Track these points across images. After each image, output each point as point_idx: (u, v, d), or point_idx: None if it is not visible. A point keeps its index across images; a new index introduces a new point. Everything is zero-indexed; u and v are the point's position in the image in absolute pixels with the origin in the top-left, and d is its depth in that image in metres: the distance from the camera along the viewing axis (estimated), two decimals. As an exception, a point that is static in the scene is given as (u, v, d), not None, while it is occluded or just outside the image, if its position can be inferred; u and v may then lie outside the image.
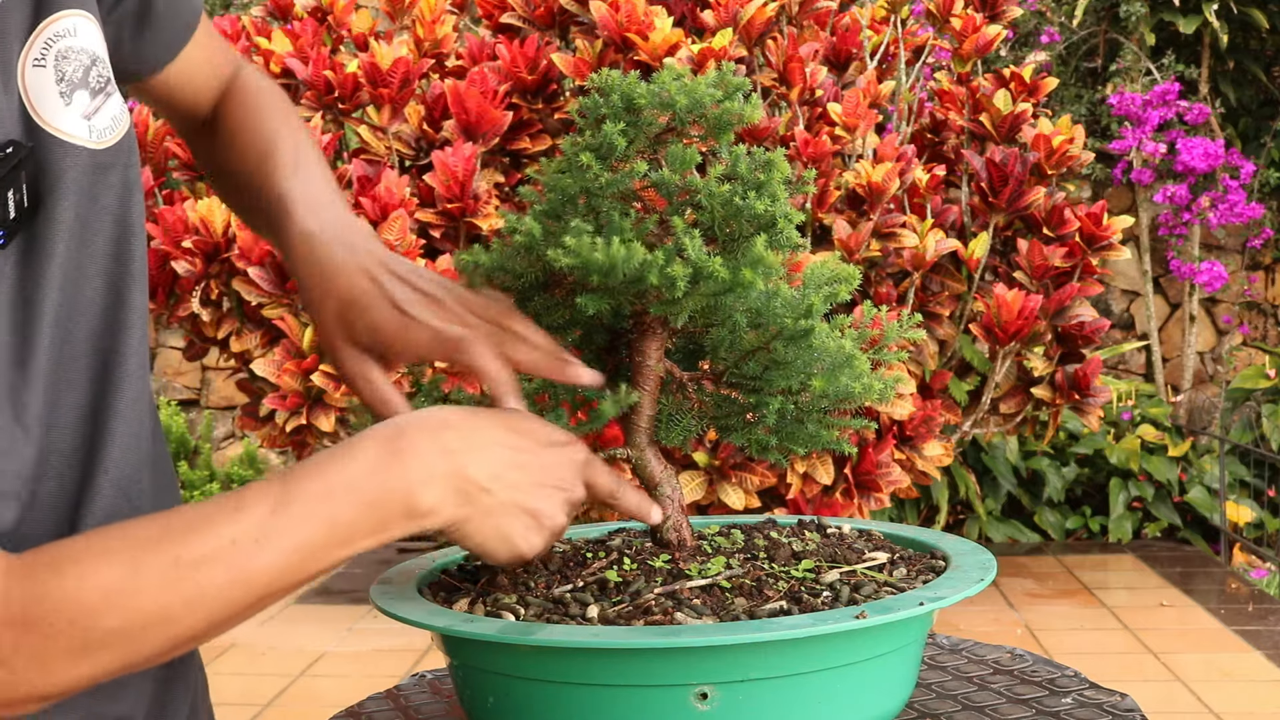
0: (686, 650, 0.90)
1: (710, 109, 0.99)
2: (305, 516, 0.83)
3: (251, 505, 0.83)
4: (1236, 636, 4.36)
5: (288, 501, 0.83)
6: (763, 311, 1.02)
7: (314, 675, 4.09)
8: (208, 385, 6.65)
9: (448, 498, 0.88)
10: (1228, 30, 6.10)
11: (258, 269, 3.83)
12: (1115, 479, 5.73)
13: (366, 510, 0.86)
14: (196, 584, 0.80)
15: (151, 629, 0.80)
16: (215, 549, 0.81)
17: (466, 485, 0.89)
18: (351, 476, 0.86)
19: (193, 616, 0.81)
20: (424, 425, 0.90)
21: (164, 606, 0.80)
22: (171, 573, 0.80)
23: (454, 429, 0.90)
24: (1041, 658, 1.22)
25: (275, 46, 4.43)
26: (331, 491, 0.85)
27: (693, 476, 3.80)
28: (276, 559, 0.82)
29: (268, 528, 0.82)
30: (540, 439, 0.95)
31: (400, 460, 0.87)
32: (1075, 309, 4.22)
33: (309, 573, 0.85)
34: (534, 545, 0.93)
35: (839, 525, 1.18)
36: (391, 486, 0.86)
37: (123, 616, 0.79)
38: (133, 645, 0.80)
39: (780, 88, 4.17)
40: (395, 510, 0.87)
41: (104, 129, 0.92)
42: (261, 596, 0.83)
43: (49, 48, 0.88)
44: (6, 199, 0.83)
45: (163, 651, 0.81)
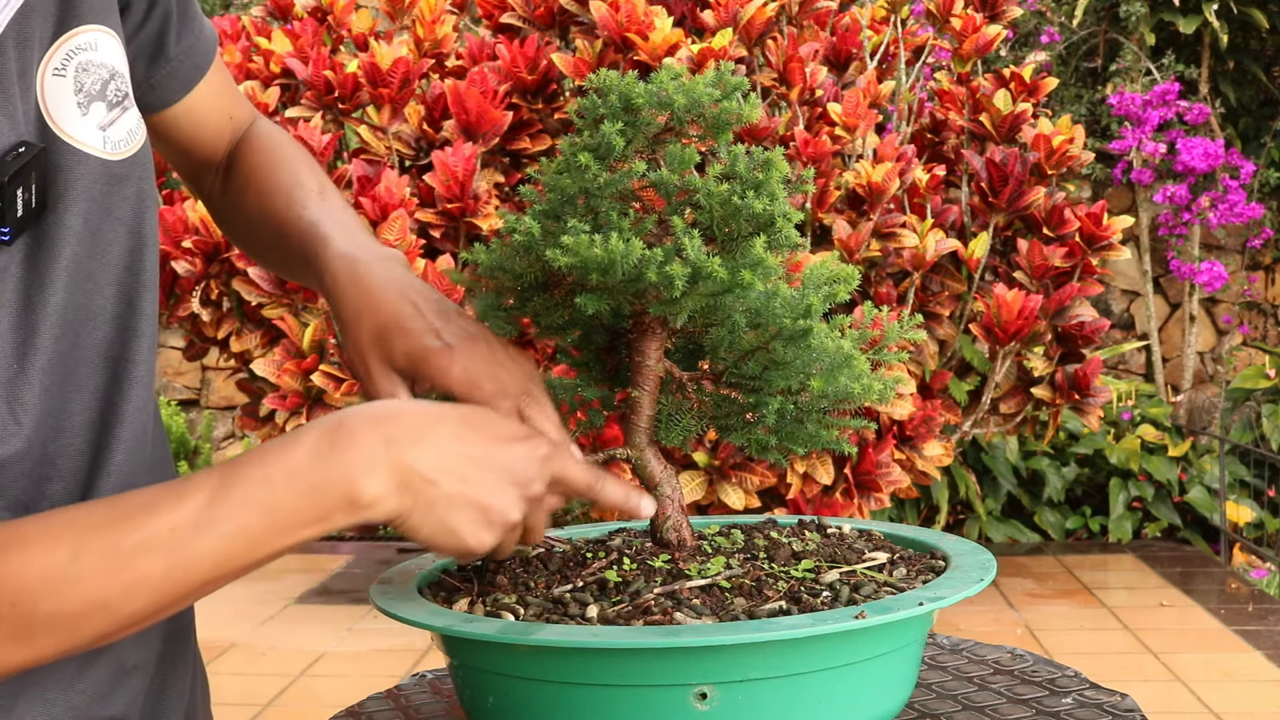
0: (686, 650, 0.90)
1: (708, 108, 0.99)
2: (244, 503, 0.83)
3: (191, 492, 0.83)
4: (1236, 636, 4.36)
5: (227, 488, 0.83)
6: (762, 311, 1.02)
7: (314, 675, 4.09)
8: (208, 385, 6.66)
9: (390, 489, 0.87)
10: (1228, 30, 6.10)
11: (258, 269, 3.83)
12: (1115, 479, 5.73)
13: (306, 498, 0.85)
14: (135, 571, 0.80)
15: (90, 615, 0.80)
16: (153, 536, 0.81)
17: (409, 476, 0.87)
18: (291, 464, 0.85)
19: (131, 604, 0.81)
20: (368, 416, 0.89)
21: (102, 592, 0.80)
22: (111, 559, 0.80)
23: (399, 420, 0.89)
24: (1042, 658, 1.22)
25: (275, 46, 4.43)
26: (271, 479, 0.84)
27: (693, 476, 3.80)
28: (216, 545, 0.82)
29: (206, 515, 0.82)
30: (496, 433, 0.93)
31: (340, 449, 0.86)
32: (1075, 309, 4.22)
33: (250, 560, 0.84)
34: (483, 540, 0.91)
35: (839, 525, 1.18)
36: (331, 475, 0.85)
37: (61, 601, 0.79)
38: (72, 630, 0.80)
39: (780, 88, 4.17)
40: (336, 499, 0.85)
41: (119, 141, 0.94)
42: (203, 583, 0.83)
43: (70, 59, 0.91)
44: (15, 197, 0.84)
45: (103, 636, 0.82)
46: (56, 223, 0.89)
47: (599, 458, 1.07)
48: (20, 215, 0.85)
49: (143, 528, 0.81)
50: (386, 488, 0.86)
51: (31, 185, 0.86)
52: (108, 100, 0.93)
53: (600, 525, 1.20)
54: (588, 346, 1.10)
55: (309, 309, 3.94)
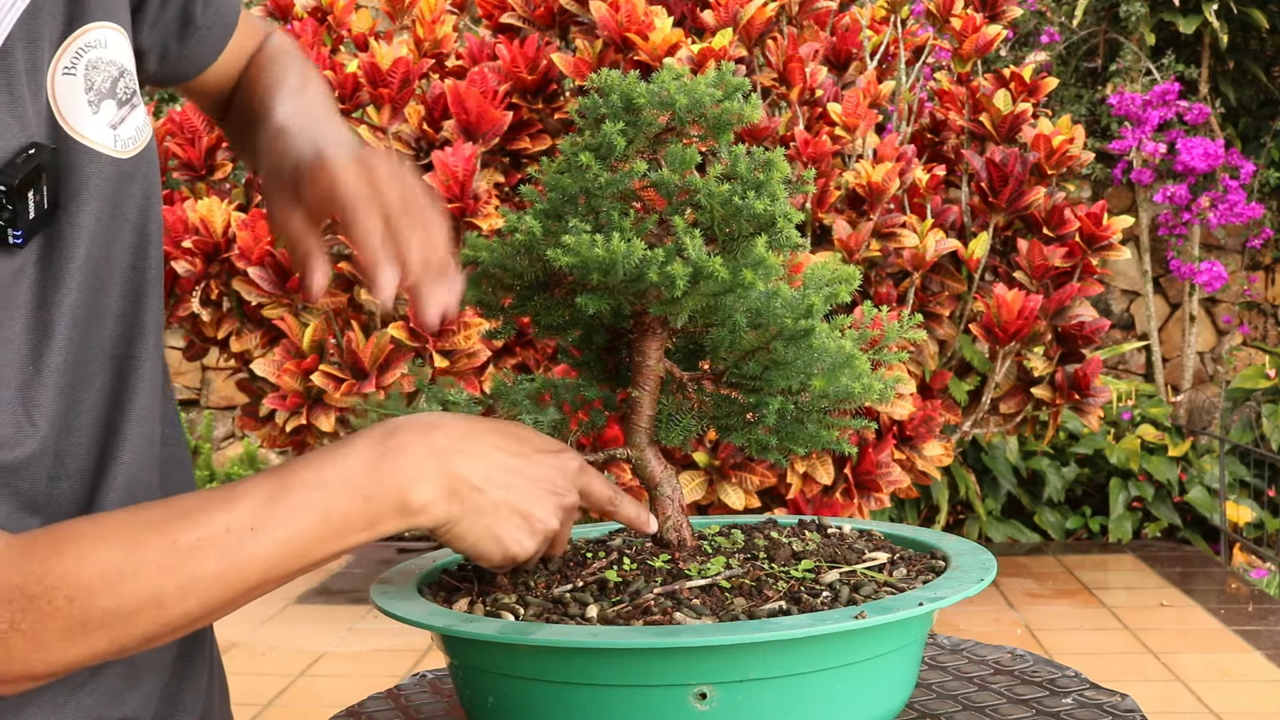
0: (686, 650, 0.90)
1: (710, 109, 0.99)
2: (299, 508, 0.85)
3: (246, 495, 0.85)
4: (1236, 636, 4.36)
5: (283, 492, 0.85)
6: (763, 311, 1.02)
7: (314, 675, 4.09)
8: (208, 385, 6.66)
9: (439, 496, 0.90)
10: (1228, 30, 6.10)
11: (258, 269, 3.83)
12: (1115, 479, 5.73)
13: (360, 504, 0.87)
14: (190, 570, 0.82)
15: (144, 612, 0.81)
16: (209, 536, 0.82)
17: (458, 484, 0.90)
18: (347, 471, 0.87)
19: (185, 602, 0.82)
20: (416, 426, 0.91)
21: (157, 590, 0.81)
22: (167, 558, 0.81)
23: (445, 430, 0.91)
24: (1042, 658, 1.22)
25: (275, 46, 4.43)
26: (326, 485, 0.86)
27: (693, 476, 3.80)
28: (270, 548, 0.84)
29: (262, 517, 0.84)
30: (534, 445, 0.96)
31: (393, 457, 0.89)
32: (1075, 309, 4.22)
33: (301, 564, 0.86)
34: (526, 548, 0.94)
35: (839, 525, 1.18)
36: (384, 482, 0.88)
37: (118, 598, 0.80)
38: (125, 627, 0.81)
39: (780, 88, 4.17)
40: (388, 506, 0.88)
41: (128, 139, 0.94)
42: (254, 585, 0.84)
43: (80, 57, 0.90)
44: (27, 200, 0.85)
45: (155, 635, 0.83)
46: (70, 223, 0.90)
47: (599, 457, 1.07)
48: (33, 218, 0.86)
49: (198, 527, 0.83)
50: (436, 495, 0.89)
51: (43, 187, 0.86)
52: (118, 98, 0.93)
53: (600, 525, 1.20)
54: (588, 346, 1.10)
55: (309, 309, 3.94)
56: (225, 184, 4.43)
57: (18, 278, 0.86)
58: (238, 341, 4.09)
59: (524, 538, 0.94)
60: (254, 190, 4.35)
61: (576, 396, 1.09)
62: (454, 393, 1.08)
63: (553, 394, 1.08)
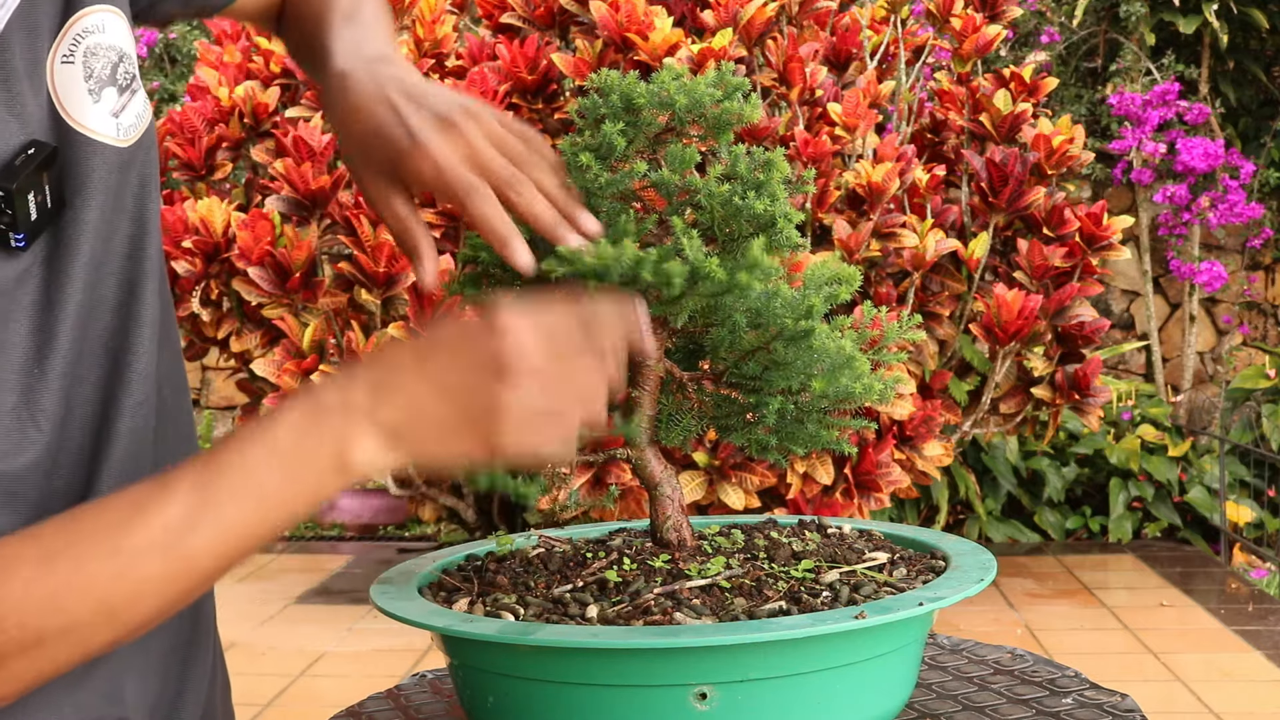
0: (686, 650, 0.90)
1: (709, 108, 0.99)
2: (233, 493, 0.81)
3: (177, 489, 0.81)
4: (1236, 636, 4.36)
5: (214, 480, 0.81)
6: (763, 312, 1.01)
7: (314, 675, 4.09)
8: (208, 385, 6.66)
9: (377, 447, 0.84)
10: (1228, 30, 6.10)
11: (258, 269, 3.83)
12: (1115, 479, 5.73)
13: (294, 478, 0.83)
14: (136, 575, 0.80)
15: (98, 623, 0.79)
16: (148, 538, 0.80)
17: (392, 430, 0.84)
18: (273, 447, 0.83)
19: (137, 605, 0.80)
20: (336, 384, 0.86)
21: (107, 601, 0.79)
22: (112, 566, 0.79)
23: (359, 382, 0.85)
24: (1042, 658, 1.22)
25: (275, 46, 4.43)
26: (253, 466, 0.82)
27: (693, 476, 3.80)
28: (212, 539, 0.81)
29: (196, 511, 0.80)
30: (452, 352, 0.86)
31: (317, 421, 0.83)
32: (1075, 309, 4.22)
33: (249, 545, 0.83)
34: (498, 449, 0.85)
35: (839, 525, 1.18)
36: (314, 450, 0.83)
37: (69, 616, 0.78)
38: (82, 639, 0.80)
39: (780, 88, 4.17)
40: (325, 472, 0.83)
41: (129, 126, 0.92)
42: (207, 574, 0.82)
43: (78, 44, 0.88)
44: (27, 203, 0.82)
45: (116, 640, 0.82)
46: (74, 219, 0.87)
47: (599, 458, 1.07)
48: (35, 219, 0.83)
49: (136, 531, 0.80)
50: (374, 447, 0.84)
51: (44, 186, 0.84)
52: (118, 84, 0.91)
53: (600, 525, 1.20)
54: (588, 346, 1.10)
55: (309, 309, 3.94)
56: (225, 184, 4.43)
57: (23, 279, 0.84)
58: (238, 341, 4.09)
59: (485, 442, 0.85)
60: (254, 190, 4.35)
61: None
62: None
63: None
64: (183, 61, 6.95)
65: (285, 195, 3.95)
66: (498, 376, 0.84)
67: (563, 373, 0.85)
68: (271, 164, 4.06)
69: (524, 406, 0.84)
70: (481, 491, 4.87)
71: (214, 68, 4.46)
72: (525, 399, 0.84)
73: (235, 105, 4.30)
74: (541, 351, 0.85)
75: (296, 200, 3.94)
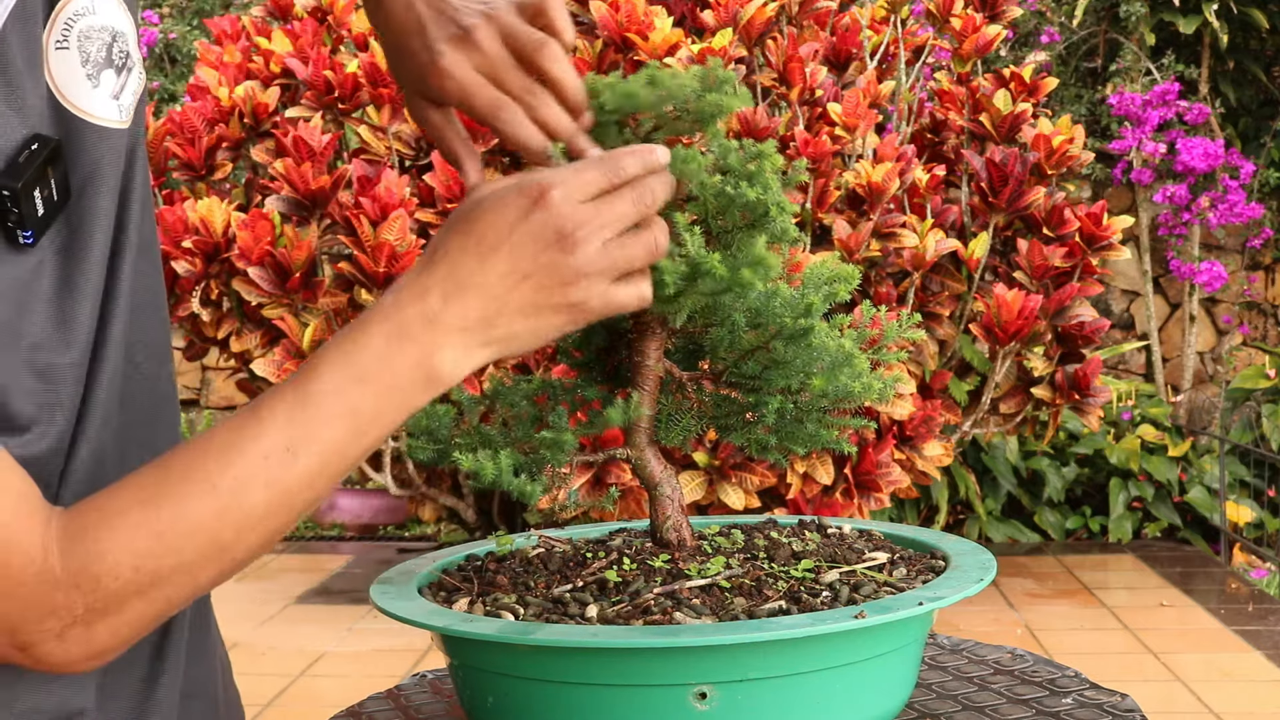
0: (685, 650, 0.90)
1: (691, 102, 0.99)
2: (327, 418, 0.84)
3: (270, 417, 0.83)
4: (1236, 636, 4.36)
5: (305, 405, 0.84)
6: (762, 311, 1.01)
7: (314, 675, 4.09)
8: (208, 385, 6.66)
9: (463, 356, 0.87)
10: (1228, 30, 6.10)
11: (258, 269, 3.83)
12: (1115, 479, 5.73)
13: (385, 396, 0.86)
14: (241, 509, 0.82)
15: (208, 559, 0.82)
16: (248, 469, 0.82)
17: (476, 334, 0.87)
18: (361, 369, 0.85)
19: (245, 538, 0.83)
20: (411, 294, 0.87)
21: (214, 536, 0.82)
22: (214, 502, 0.82)
23: (438, 287, 0.87)
24: (1042, 658, 1.22)
25: (275, 46, 4.43)
26: (344, 389, 0.85)
27: (693, 476, 3.80)
28: (309, 463, 0.83)
29: (293, 436, 0.83)
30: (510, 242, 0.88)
31: (400, 341, 0.86)
32: (1075, 309, 4.22)
33: (347, 464, 0.85)
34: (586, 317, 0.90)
35: (839, 525, 1.18)
36: (403, 367, 0.86)
37: (178, 554, 0.81)
38: (193, 576, 0.83)
39: (780, 88, 4.17)
40: (416, 388, 0.86)
41: (129, 106, 0.91)
42: (308, 500, 0.85)
43: (70, 28, 0.87)
44: (33, 199, 0.82)
45: (224, 574, 0.84)
46: (88, 207, 0.87)
47: (599, 457, 1.07)
48: (42, 214, 0.83)
49: (234, 463, 0.82)
50: (460, 356, 0.87)
51: (50, 181, 0.84)
52: (115, 65, 0.90)
53: (601, 525, 1.20)
54: (588, 346, 1.10)
55: (309, 309, 3.94)
56: (225, 184, 4.43)
57: (38, 272, 0.84)
58: (238, 341, 4.09)
59: (575, 319, 0.89)
60: (254, 190, 4.35)
61: (576, 396, 1.09)
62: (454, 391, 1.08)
63: (551, 394, 1.08)
64: (183, 61, 6.95)
65: (285, 195, 3.95)
66: (560, 245, 0.87)
67: (615, 213, 0.89)
68: (271, 164, 4.06)
69: (594, 262, 0.87)
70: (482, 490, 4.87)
71: (214, 68, 4.45)
72: (592, 255, 0.87)
73: (235, 105, 4.30)
74: (587, 203, 0.88)
75: (296, 200, 3.94)
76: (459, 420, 1.05)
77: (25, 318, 0.83)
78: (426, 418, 1.03)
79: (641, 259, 0.90)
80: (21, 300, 0.83)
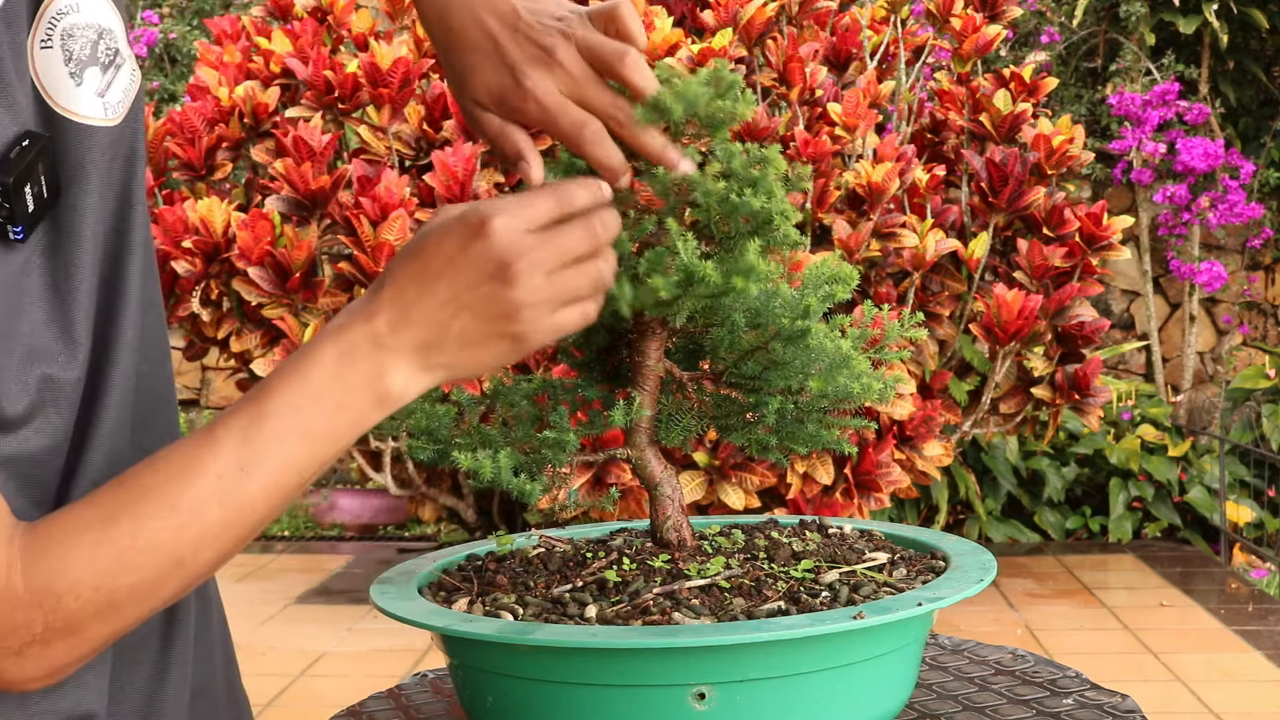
0: (684, 650, 0.90)
1: (702, 106, 0.99)
2: (279, 434, 0.85)
3: (225, 436, 0.85)
4: (1236, 636, 4.36)
5: (259, 423, 0.85)
6: (762, 312, 1.01)
7: (314, 675, 4.09)
8: (208, 385, 6.65)
9: (412, 375, 0.88)
10: (1228, 30, 6.10)
11: (258, 269, 3.83)
12: (1115, 479, 5.73)
13: (336, 413, 0.87)
14: (198, 526, 0.83)
15: (167, 575, 0.84)
16: (204, 488, 0.84)
17: (421, 356, 0.88)
18: (312, 387, 0.86)
19: (202, 554, 0.84)
20: (357, 317, 0.88)
21: (173, 553, 0.83)
22: (172, 520, 0.83)
23: (383, 313, 0.88)
24: (1044, 659, 1.22)
25: (275, 46, 4.43)
26: (297, 406, 0.86)
27: (693, 476, 3.80)
28: (265, 480, 0.85)
29: (246, 455, 0.84)
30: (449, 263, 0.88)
31: (349, 360, 0.87)
32: (1075, 309, 4.22)
33: (301, 481, 0.87)
34: (532, 344, 0.90)
35: (840, 525, 1.18)
36: (353, 385, 0.87)
37: (139, 572, 0.82)
38: (152, 594, 0.84)
39: (780, 88, 4.17)
40: (366, 406, 0.87)
41: (117, 103, 0.91)
42: (263, 516, 0.86)
43: (53, 27, 0.87)
44: (24, 194, 0.83)
45: (183, 589, 0.86)
46: (73, 206, 0.87)
47: (599, 457, 1.07)
48: (32, 210, 0.84)
49: (192, 483, 0.83)
50: (408, 376, 0.88)
51: (40, 177, 0.84)
52: (100, 62, 0.89)
53: (602, 525, 1.20)
54: (589, 347, 1.10)
55: (309, 309, 3.94)
56: (225, 184, 4.43)
57: (26, 270, 0.84)
58: (238, 341, 4.09)
59: (514, 346, 0.89)
60: (254, 190, 4.35)
61: (577, 396, 1.09)
62: (455, 392, 1.08)
63: (551, 394, 1.08)
64: (183, 61, 6.95)
65: (285, 195, 3.95)
66: (499, 277, 0.87)
67: (559, 248, 0.89)
68: (271, 164, 4.06)
69: (535, 293, 0.87)
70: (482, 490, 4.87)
71: (214, 68, 4.45)
72: (533, 287, 0.87)
73: (235, 105, 4.30)
74: (530, 237, 0.88)
75: (296, 200, 3.94)
76: (459, 420, 1.05)
77: (16, 316, 0.83)
78: (427, 418, 1.03)
79: (586, 290, 0.90)
80: (10, 299, 0.83)
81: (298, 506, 6.23)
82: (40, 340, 0.85)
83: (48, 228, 0.86)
